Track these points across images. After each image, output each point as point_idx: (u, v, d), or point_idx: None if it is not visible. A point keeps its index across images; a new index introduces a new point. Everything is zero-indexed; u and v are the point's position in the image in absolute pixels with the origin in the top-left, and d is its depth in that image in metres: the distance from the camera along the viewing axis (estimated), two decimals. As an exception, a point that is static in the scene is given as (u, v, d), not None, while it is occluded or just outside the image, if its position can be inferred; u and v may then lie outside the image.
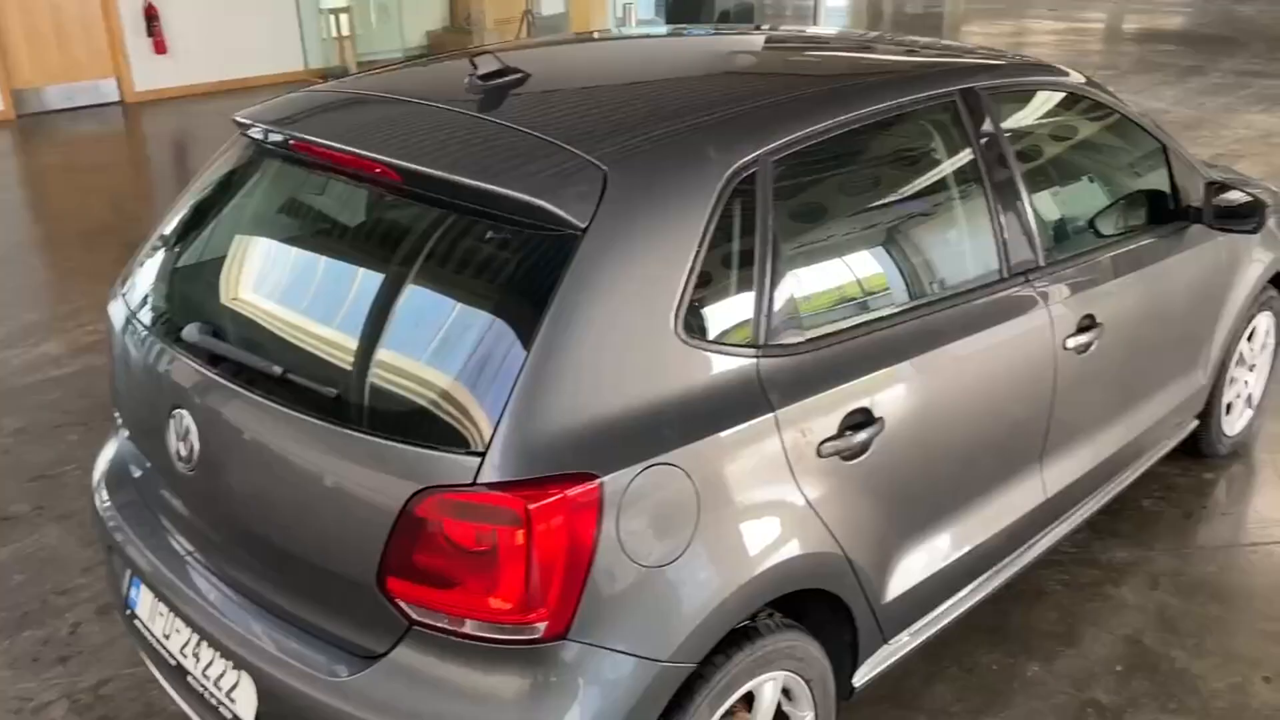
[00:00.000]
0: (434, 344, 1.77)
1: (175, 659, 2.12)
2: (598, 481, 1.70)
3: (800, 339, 2.04)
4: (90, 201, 7.48)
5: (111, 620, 3.07)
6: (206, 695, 2.04)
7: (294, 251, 2.15)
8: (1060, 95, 2.92)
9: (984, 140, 2.48)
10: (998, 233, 2.47)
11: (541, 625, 1.70)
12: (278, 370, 1.85)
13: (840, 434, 2.04)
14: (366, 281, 1.94)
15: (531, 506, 1.64)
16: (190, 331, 2.01)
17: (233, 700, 1.99)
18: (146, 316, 2.21)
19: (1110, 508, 3.50)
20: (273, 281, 2.08)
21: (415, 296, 1.85)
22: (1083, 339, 2.62)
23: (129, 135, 9.80)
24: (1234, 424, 3.76)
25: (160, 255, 2.33)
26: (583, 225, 1.78)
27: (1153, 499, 3.59)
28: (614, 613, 1.74)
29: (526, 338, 1.70)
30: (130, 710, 2.72)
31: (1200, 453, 3.71)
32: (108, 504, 2.36)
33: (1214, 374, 3.39)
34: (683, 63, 2.69)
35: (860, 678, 2.33)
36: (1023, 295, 2.49)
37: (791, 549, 1.98)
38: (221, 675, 2.01)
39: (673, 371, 1.84)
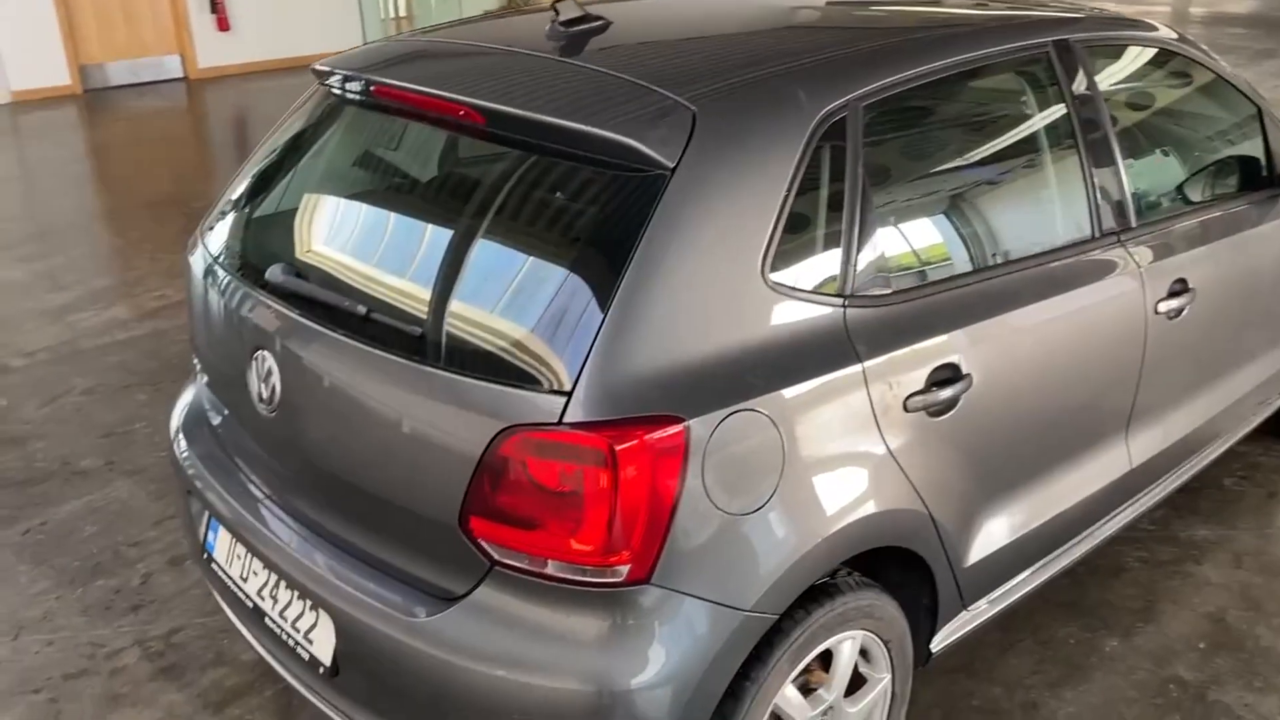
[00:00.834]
0: (520, 283, 1.75)
1: (253, 601, 2.13)
2: (684, 425, 1.66)
3: (888, 291, 1.98)
4: (155, 174, 7.60)
5: (183, 571, 3.10)
6: (284, 636, 2.05)
7: (376, 195, 2.14)
8: (1153, 51, 2.82)
9: (1076, 94, 2.40)
10: (1090, 191, 2.39)
11: (624, 568, 1.67)
12: (362, 310, 1.84)
13: (927, 389, 1.99)
14: (450, 223, 1.92)
15: (617, 447, 1.62)
16: (274, 273, 2.00)
17: (310, 641, 1.99)
18: (227, 262, 2.21)
19: (1190, 486, 3.40)
20: (355, 225, 2.07)
21: (500, 237, 1.83)
22: (1174, 304, 2.53)
23: (192, 111, 9.94)
24: (1320, 404, 3.63)
25: (240, 204, 2.33)
26: (671, 165, 1.74)
27: (1235, 478, 3.48)
28: (697, 559, 1.71)
29: (613, 277, 1.67)
30: (202, 659, 2.75)
31: (1284, 432, 3.59)
32: (186, 449, 2.37)
33: (1303, 347, 3.27)
34: (764, 14, 2.63)
35: (938, 643, 2.28)
36: (1114, 256, 2.41)
37: (876, 504, 1.93)
38: (300, 616, 2.02)
39: (760, 317, 1.80)
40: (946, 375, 2.03)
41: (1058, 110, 2.38)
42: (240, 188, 2.36)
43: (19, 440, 3.91)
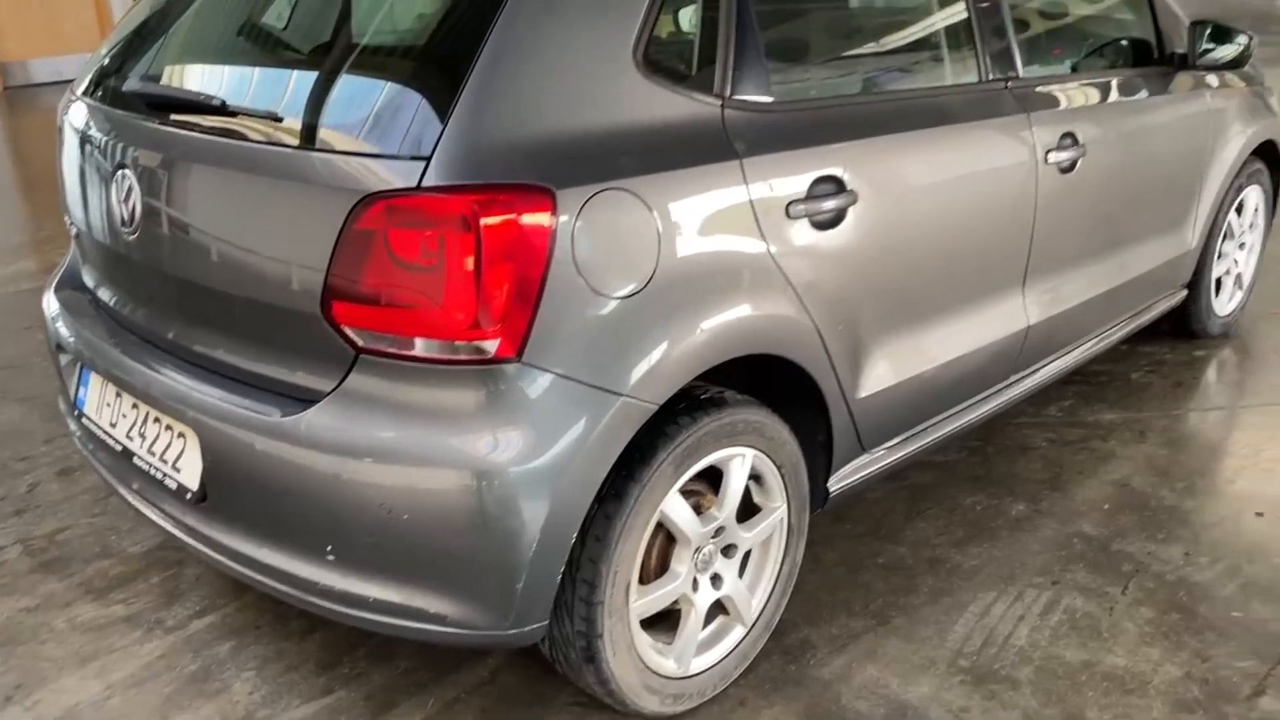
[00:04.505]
0: (377, 55, 1.71)
1: (121, 444, 2.04)
2: (551, 194, 1.62)
3: (767, 99, 1.96)
4: (73, 154, 7.44)
5: (72, 480, 2.99)
6: (152, 470, 1.96)
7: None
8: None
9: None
10: (978, 37, 2.40)
11: (493, 344, 1.62)
12: (217, 100, 1.78)
13: (810, 197, 1.97)
14: (304, 7, 1.87)
15: (480, 210, 1.57)
16: (130, 83, 1.94)
17: (178, 469, 1.91)
18: (91, 95, 2.14)
19: (1097, 379, 3.45)
20: (214, 26, 2.01)
21: (358, 13, 1.78)
22: (1064, 156, 2.55)
23: (116, 103, 9.77)
24: (1224, 304, 3.70)
25: (107, 54, 2.25)
26: (535, -58, 1.71)
27: (1141, 371, 3.52)
28: (571, 339, 1.66)
29: (474, 44, 1.62)
30: (86, 553, 2.63)
31: (1191, 332, 3.64)
32: (56, 307, 2.28)
33: (1202, 238, 3.32)
34: None
35: (836, 483, 2.25)
36: (1002, 97, 2.43)
37: (759, 306, 1.90)
38: (167, 447, 1.94)
39: (632, 103, 1.77)
40: (830, 189, 2.01)
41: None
42: (109, 43, 2.28)
43: (-91, 375, 3.75)
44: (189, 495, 1.88)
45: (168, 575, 2.53)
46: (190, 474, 1.88)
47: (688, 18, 1.90)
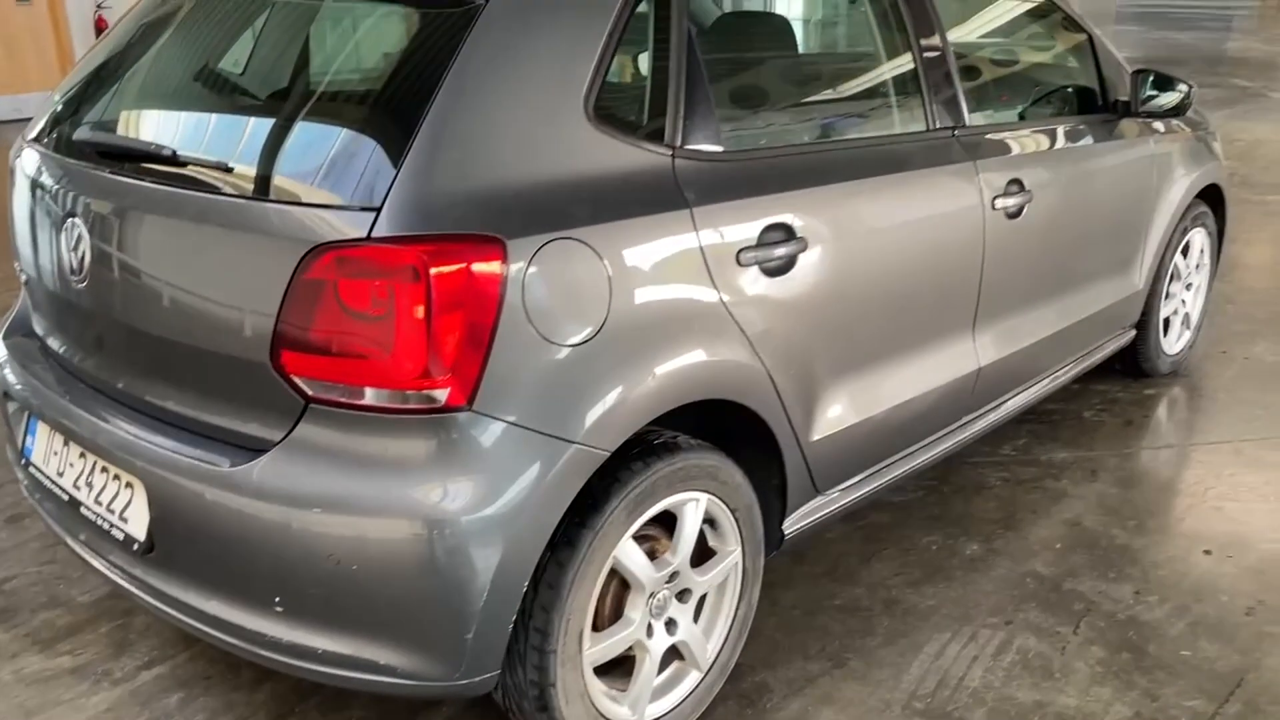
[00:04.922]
0: (330, 105, 1.72)
1: (68, 494, 2.01)
2: (501, 244, 1.63)
3: (717, 149, 2.00)
4: (31, 193, 7.35)
5: (21, 527, 2.93)
6: (99, 521, 1.93)
7: (186, 37, 2.07)
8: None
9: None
10: (925, 86, 2.45)
11: (444, 392, 1.62)
12: (168, 150, 1.78)
13: (760, 244, 2.00)
14: (263, 47, 1.89)
15: (429, 261, 1.58)
16: (82, 131, 1.94)
17: (125, 520, 1.88)
18: (43, 141, 2.13)
19: (1050, 418, 3.50)
20: (170, 72, 2.02)
21: (313, 57, 1.80)
22: (1011, 202, 2.60)
23: (76, 141, 9.69)
24: (1173, 343, 3.77)
25: (61, 96, 2.25)
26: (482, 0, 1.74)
27: (1094, 410, 3.58)
28: (522, 387, 1.67)
29: (425, 98, 1.64)
30: (34, 602, 2.58)
31: (1141, 371, 3.71)
32: (4, 353, 2.26)
33: (1149, 279, 3.40)
34: None
35: (790, 525, 2.26)
36: (949, 146, 2.48)
37: (711, 352, 1.92)
38: (114, 497, 1.91)
39: (583, 154, 1.79)
40: (780, 236, 2.04)
41: (891, 8, 2.45)
42: (63, 88, 2.28)
43: None
44: (136, 546, 1.86)
45: (116, 625, 2.49)
46: (138, 524, 1.86)
47: (639, 69, 1.93)
